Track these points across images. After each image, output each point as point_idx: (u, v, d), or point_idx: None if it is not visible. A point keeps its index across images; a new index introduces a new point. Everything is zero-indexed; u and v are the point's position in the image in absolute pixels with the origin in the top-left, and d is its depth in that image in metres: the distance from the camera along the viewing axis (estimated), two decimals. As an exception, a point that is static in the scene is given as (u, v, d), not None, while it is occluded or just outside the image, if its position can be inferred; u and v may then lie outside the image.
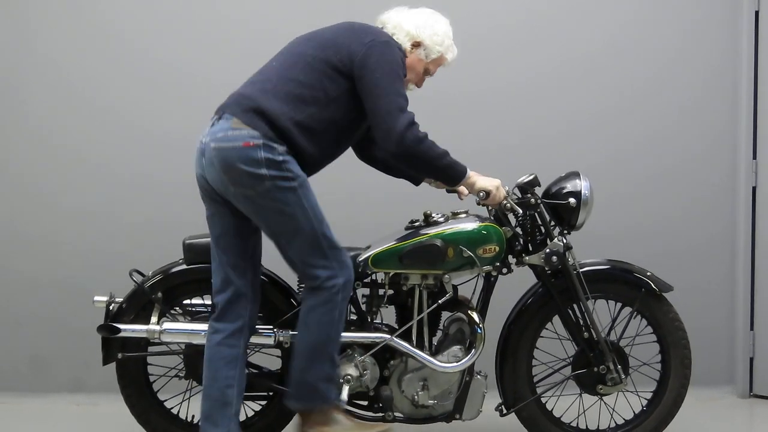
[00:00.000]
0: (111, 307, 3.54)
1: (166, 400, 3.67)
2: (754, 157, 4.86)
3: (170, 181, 4.65)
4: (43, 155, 4.77)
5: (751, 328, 4.88)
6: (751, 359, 4.89)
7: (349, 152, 3.51)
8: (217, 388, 3.25)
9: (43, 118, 4.78)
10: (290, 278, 3.61)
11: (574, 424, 3.76)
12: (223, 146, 3.11)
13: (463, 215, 3.57)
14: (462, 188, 3.64)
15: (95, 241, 4.74)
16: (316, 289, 3.23)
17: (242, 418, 3.64)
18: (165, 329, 3.48)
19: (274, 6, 4.76)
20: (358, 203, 4.62)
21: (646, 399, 3.78)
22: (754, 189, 4.86)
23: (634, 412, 3.78)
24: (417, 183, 3.78)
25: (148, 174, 4.74)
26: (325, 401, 3.27)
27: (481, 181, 3.38)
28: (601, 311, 3.69)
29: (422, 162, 3.22)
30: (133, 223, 4.73)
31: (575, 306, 3.62)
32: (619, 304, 3.72)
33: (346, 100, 3.22)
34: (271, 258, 3.57)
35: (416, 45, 3.38)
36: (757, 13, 4.83)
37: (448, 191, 3.70)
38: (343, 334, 3.40)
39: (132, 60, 4.78)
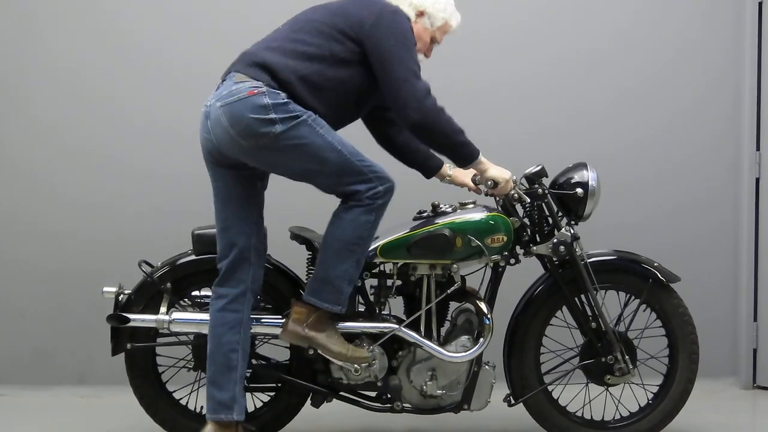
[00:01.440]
0: (120, 298, 3.54)
1: (174, 391, 3.67)
2: (758, 149, 4.87)
3: (177, 173, 4.65)
4: (48, 148, 4.77)
5: (755, 320, 4.90)
6: (755, 350, 4.90)
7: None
8: (222, 353, 3.28)
9: (48, 110, 4.78)
10: (298, 269, 3.63)
11: (579, 414, 3.76)
12: (229, 101, 3.12)
13: (471, 205, 3.57)
14: (469, 182, 3.66)
15: (100, 234, 4.74)
16: (357, 199, 3.23)
17: (250, 409, 3.65)
18: (174, 319, 3.48)
19: (280, 1, 4.76)
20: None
21: (652, 392, 3.79)
22: (757, 180, 4.87)
23: (639, 404, 3.79)
24: (428, 175, 3.75)
25: (155, 165, 4.75)
26: (338, 303, 3.29)
27: (493, 170, 3.40)
28: (613, 303, 3.69)
29: (440, 133, 3.21)
30: (140, 215, 4.73)
31: (583, 296, 3.62)
32: (627, 295, 3.73)
33: (355, 63, 3.22)
34: (279, 249, 3.59)
35: (420, 14, 3.39)
36: (760, 4, 4.84)
37: (462, 186, 3.73)
38: (351, 324, 3.44)
39: (137, 53, 4.78)
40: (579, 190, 3.55)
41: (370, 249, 3.46)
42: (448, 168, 3.73)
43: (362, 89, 3.29)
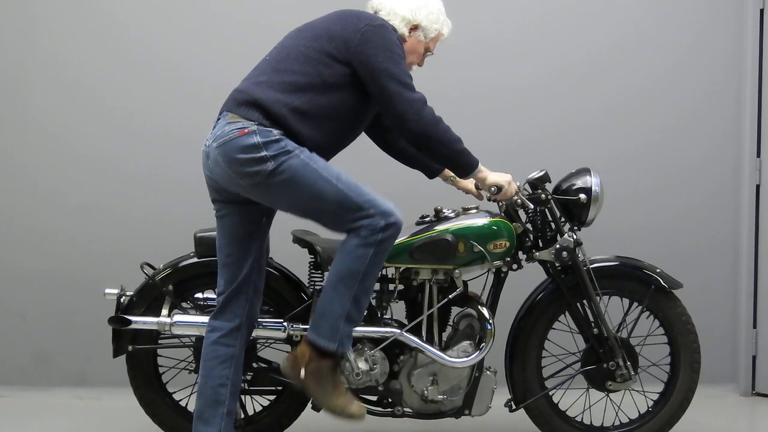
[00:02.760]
0: (122, 300, 3.53)
1: (174, 392, 3.66)
2: (758, 155, 4.87)
3: (179, 175, 4.65)
4: (49, 151, 4.77)
5: (754, 326, 4.90)
6: (754, 357, 4.90)
7: (354, 149, 3.49)
8: (210, 387, 3.23)
9: (50, 114, 4.78)
10: (301, 272, 3.62)
11: (579, 419, 3.76)
12: (222, 142, 3.09)
13: (474, 211, 3.56)
14: (472, 187, 3.66)
15: (102, 236, 4.75)
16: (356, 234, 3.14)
17: (250, 412, 3.66)
18: (175, 322, 3.47)
19: (279, 4, 4.76)
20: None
21: (652, 399, 3.79)
22: (758, 187, 4.87)
23: (639, 411, 3.79)
24: (431, 175, 3.74)
25: (157, 168, 4.75)
26: (332, 341, 3.14)
27: (493, 176, 3.37)
28: (616, 309, 3.69)
29: (438, 144, 3.18)
30: (142, 217, 4.74)
31: (585, 302, 3.62)
32: (630, 301, 3.72)
33: (346, 86, 3.17)
34: (282, 253, 3.58)
35: (414, 28, 3.35)
36: (762, 11, 4.84)
37: (465, 191, 3.73)
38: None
39: (139, 57, 4.79)
40: (582, 196, 3.54)
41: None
42: None
43: (356, 110, 3.25)
